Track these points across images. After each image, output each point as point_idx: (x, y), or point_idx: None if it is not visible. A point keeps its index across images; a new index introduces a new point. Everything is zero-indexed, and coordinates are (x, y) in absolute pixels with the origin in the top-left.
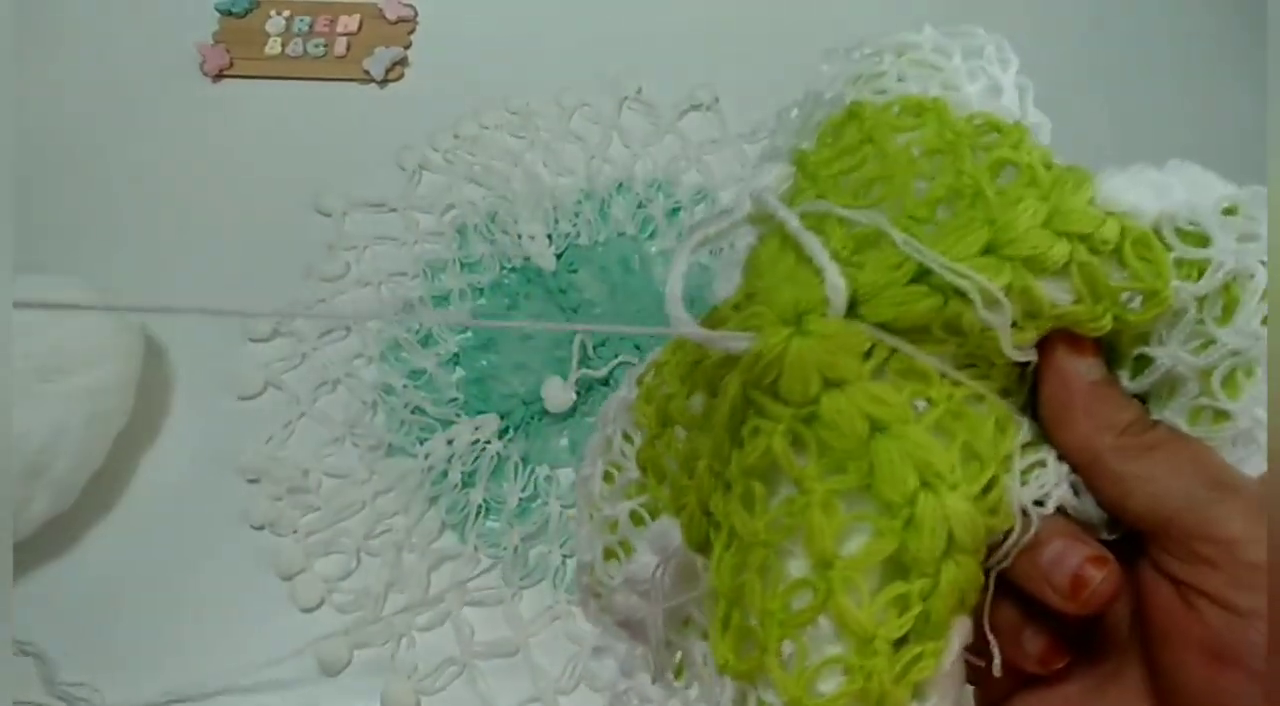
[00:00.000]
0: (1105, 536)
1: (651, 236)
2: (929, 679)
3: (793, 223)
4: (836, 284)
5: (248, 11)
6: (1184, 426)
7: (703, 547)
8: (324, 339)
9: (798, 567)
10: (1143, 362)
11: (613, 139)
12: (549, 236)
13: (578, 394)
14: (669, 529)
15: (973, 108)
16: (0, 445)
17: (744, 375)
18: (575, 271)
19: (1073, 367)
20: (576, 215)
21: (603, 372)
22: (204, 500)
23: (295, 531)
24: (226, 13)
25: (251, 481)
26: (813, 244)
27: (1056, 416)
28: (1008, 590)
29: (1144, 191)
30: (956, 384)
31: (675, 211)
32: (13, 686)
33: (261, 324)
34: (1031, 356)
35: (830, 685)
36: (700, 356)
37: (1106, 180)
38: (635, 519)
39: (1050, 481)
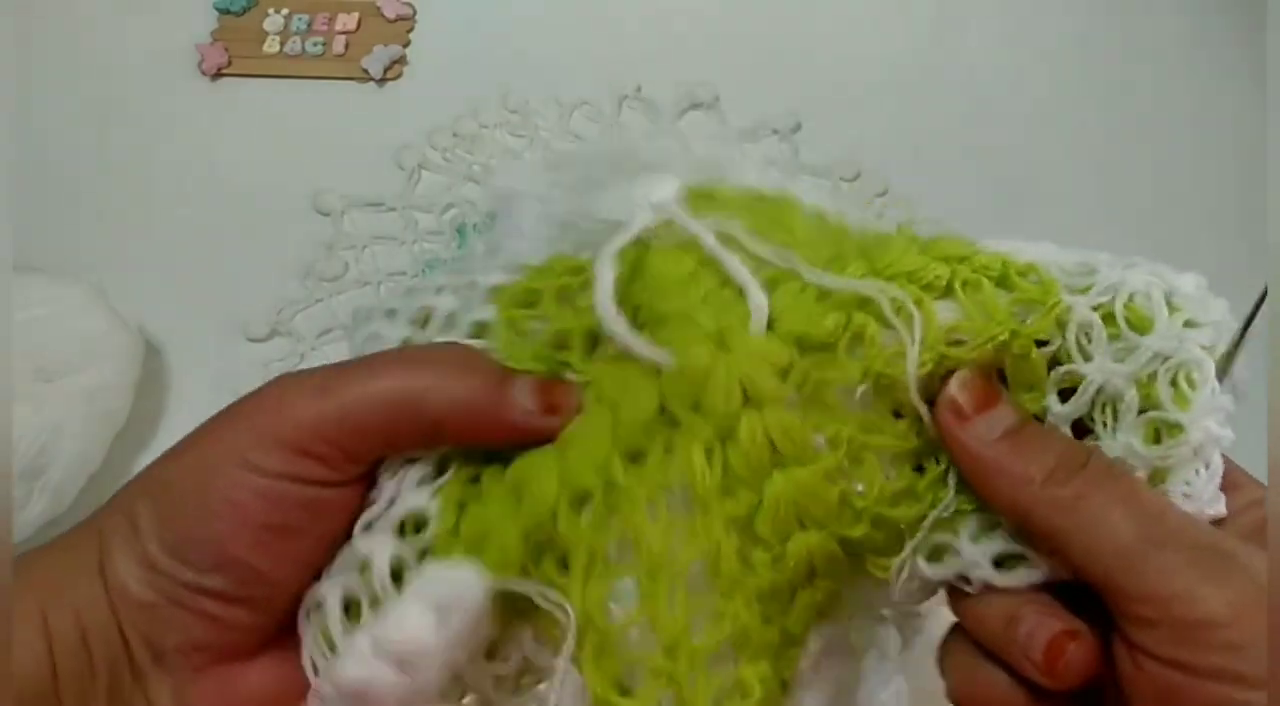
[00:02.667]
0: None
1: None
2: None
3: (713, 246)
4: (760, 303)
5: (246, 10)
6: (1140, 447)
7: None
8: (322, 339)
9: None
10: (1071, 384)
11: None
12: None
13: None
14: (463, 582)
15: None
16: (0, 446)
17: (664, 388)
18: None
19: (968, 433)
20: None
21: None
22: None
23: None
24: (225, 11)
25: None
26: (739, 269)
27: (974, 483)
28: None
29: (1018, 243)
30: (869, 432)
31: None
32: None
33: (260, 324)
34: (924, 410)
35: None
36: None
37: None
38: (397, 569)
39: (963, 565)
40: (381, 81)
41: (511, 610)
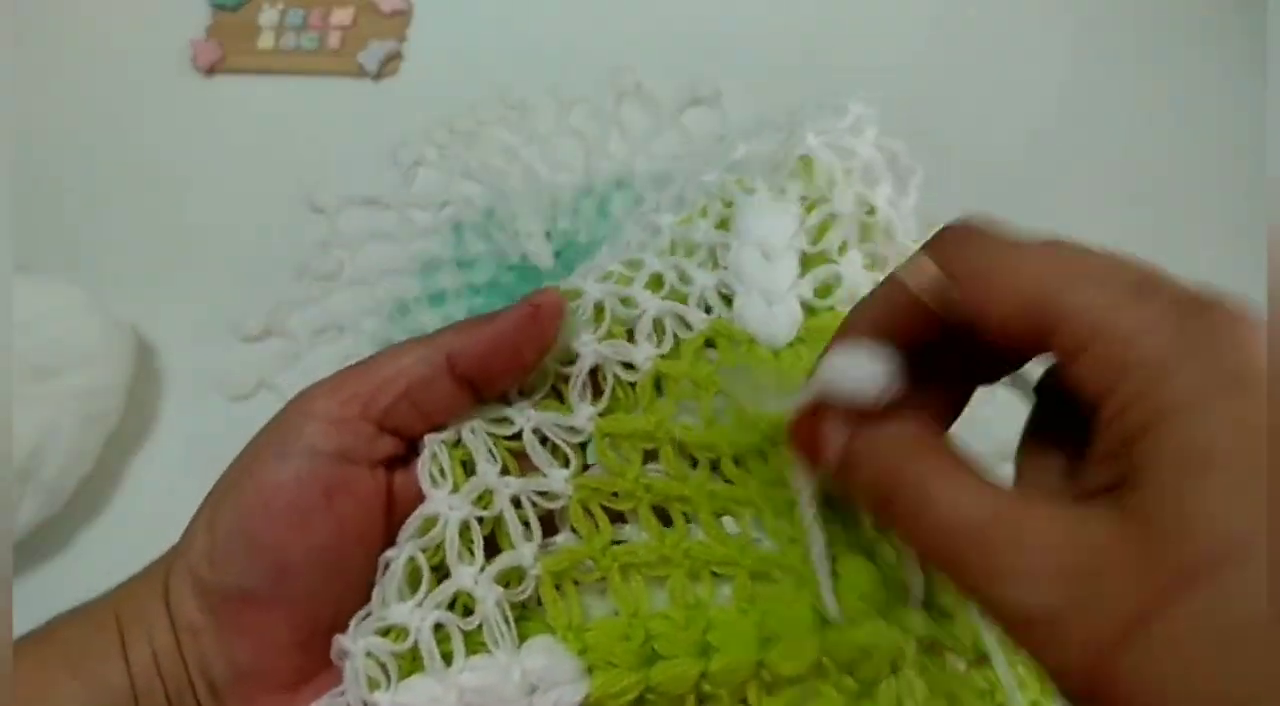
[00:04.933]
0: None
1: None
2: None
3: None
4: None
5: (240, 5)
6: None
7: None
8: (317, 339)
9: None
10: None
11: (612, 134)
12: (547, 234)
13: None
14: (570, 677)
15: None
16: (0, 447)
17: (827, 641)
18: (574, 270)
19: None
20: (575, 212)
21: None
22: (196, 503)
23: None
24: (219, 6)
25: None
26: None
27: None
28: None
29: None
30: (963, 689)
31: None
32: None
33: (254, 324)
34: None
35: None
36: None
37: None
38: (443, 641)
39: None
40: (378, 77)
41: None
